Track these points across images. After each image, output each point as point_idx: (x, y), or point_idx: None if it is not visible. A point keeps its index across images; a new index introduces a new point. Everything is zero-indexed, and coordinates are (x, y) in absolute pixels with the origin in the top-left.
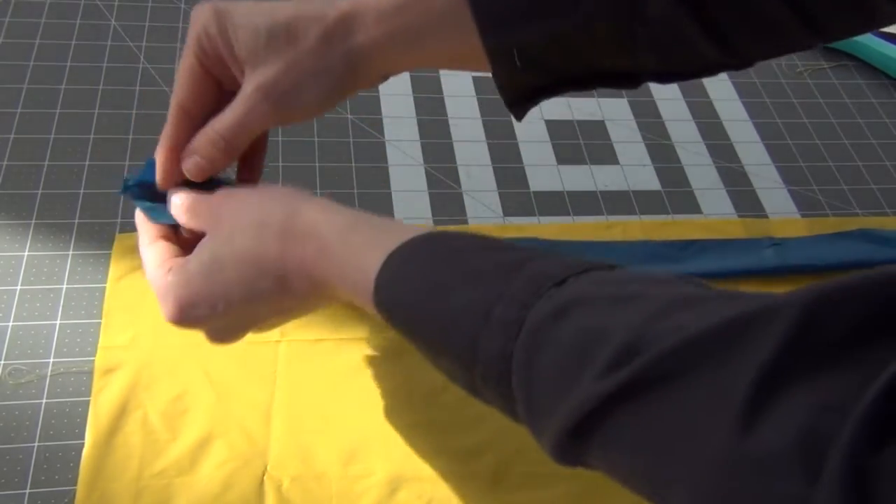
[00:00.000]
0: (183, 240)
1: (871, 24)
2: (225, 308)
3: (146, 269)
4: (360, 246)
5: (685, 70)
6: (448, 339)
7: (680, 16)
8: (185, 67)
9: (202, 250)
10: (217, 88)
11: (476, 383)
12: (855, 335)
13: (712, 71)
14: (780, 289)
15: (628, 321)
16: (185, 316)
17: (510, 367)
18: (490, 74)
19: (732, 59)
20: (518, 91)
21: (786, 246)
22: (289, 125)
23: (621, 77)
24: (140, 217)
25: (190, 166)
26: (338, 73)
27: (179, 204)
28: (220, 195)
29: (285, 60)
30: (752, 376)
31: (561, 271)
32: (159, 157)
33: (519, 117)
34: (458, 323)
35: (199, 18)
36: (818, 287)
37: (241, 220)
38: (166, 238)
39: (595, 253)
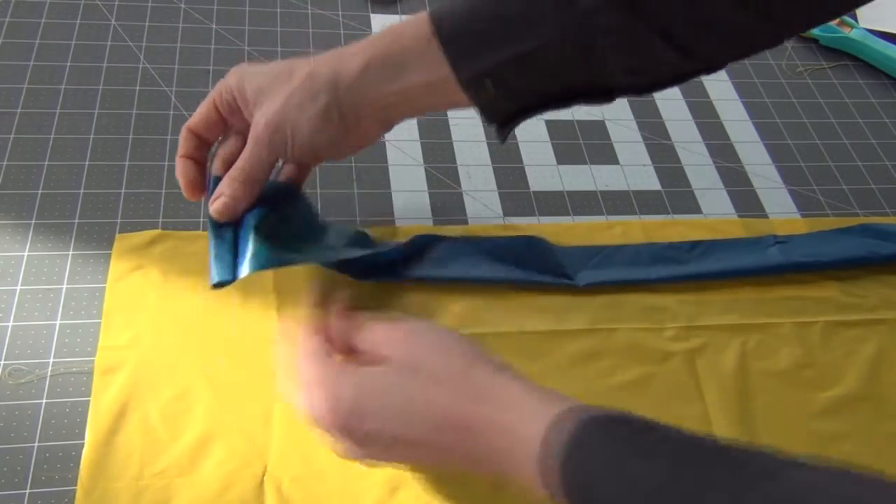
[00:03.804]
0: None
1: (824, 14)
2: (388, 441)
3: (302, 353)
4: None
5: (656, 80)
6: None
7: (635, 26)
8: (205, 105)
9: (397, 379)
10: (222, 128)
11: None
12: None
13: (684, 78)
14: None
15: None
16: (345, 424)
17: None
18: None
19: (700, 65)
20: (498, 115)
21: (790, 244)
22: (303, 161)
23: (596, 93)
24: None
25: (218, 206)
26: (322, 103)
27: (379, 329)
28: (414, 330)
29: (281, 96)
30: None
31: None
32: (177, 166)
33: (502, 140)
34: None
35: (229, 74)
36: None
37: (446, 366)
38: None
39: (601, 257)
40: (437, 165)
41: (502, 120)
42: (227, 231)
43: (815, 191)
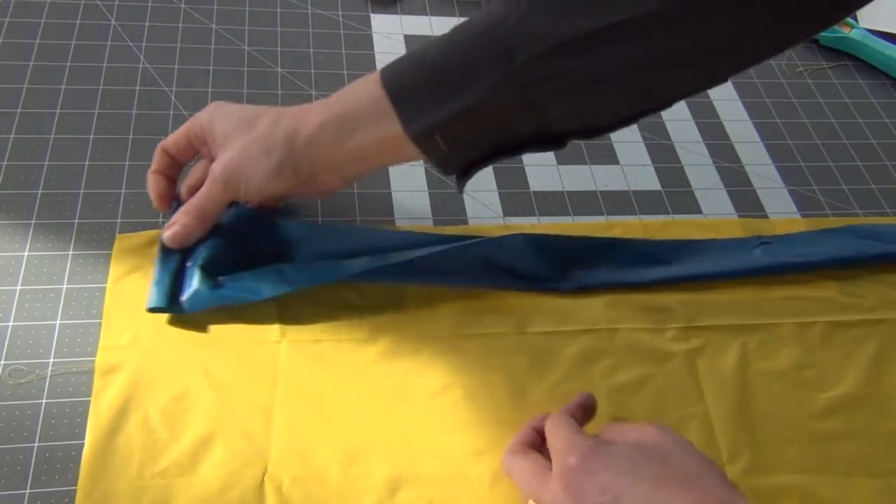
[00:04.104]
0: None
1: (774, 47)
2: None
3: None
4: None
5: (606, 123)
6: None
7: (575, 73)
8: (178, 132)
9: (634, 448)
10: (193, 153)
11: None
12: None
13: (635, 119)
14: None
15: None
16: (573, 470)
17: None
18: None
19: (650, 105)
20: (453, 167)
21: (775, 244)
22: (260, 204)
23: (547, 140)
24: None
25: (171, 234)
26: (276, 159)
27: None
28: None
29: (240, 145)
30: None
31: None
32: (149, 180)
33: (460, 190)
34: None
35: (204, 111)
36: None
37: (687, 455)
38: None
39: (591, 255)
40: None
41: (456, 171)
42: (173, 259)
43: (815, 191)
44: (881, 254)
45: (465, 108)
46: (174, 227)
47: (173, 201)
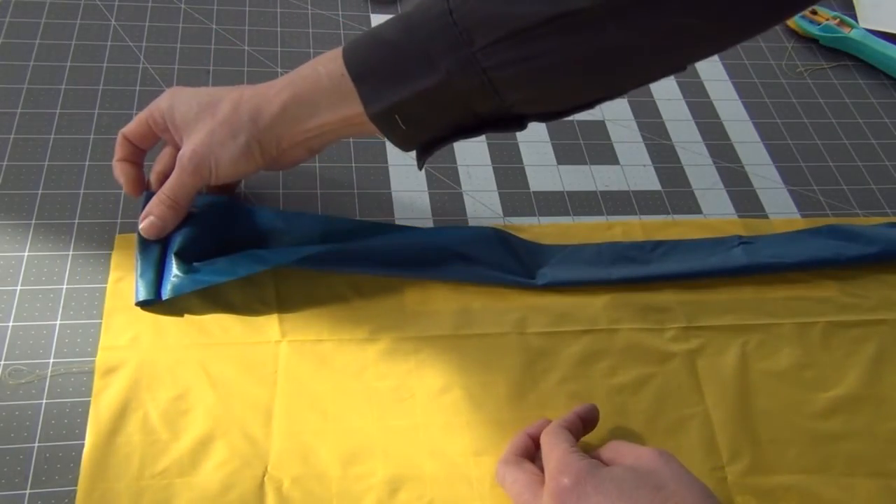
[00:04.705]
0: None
1: (725, 41)
2: None
3: (559, 447)
4: None
5: (560, 108)
6: None
7: (528, 61)
8: (137, 120)
9: (631, 473)
10: (154, 140)
11: None
12: None
13: (591, 105)
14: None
15: None
16: (575, 498)
17: None
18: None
19: (604, 94)
20: (411, 146)
21: (755, 244)
22: (231, 185)
23: (507, 121)
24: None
25: (146, 226)
26: (243, 141)
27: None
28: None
29: (205, 129)
30: None
31: None
32: (115, 168)
33: (420, 167)
34: None
35: (161, 97)
36: None
37: (682, 484)
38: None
39: (562, 257)
40: (437, 165)
41: (415, 149)
42: (153, 250)
43: (815, 191)
44: (857, 255)
45: (423, 90)
46: (149, 219)
47: (143, 185)
